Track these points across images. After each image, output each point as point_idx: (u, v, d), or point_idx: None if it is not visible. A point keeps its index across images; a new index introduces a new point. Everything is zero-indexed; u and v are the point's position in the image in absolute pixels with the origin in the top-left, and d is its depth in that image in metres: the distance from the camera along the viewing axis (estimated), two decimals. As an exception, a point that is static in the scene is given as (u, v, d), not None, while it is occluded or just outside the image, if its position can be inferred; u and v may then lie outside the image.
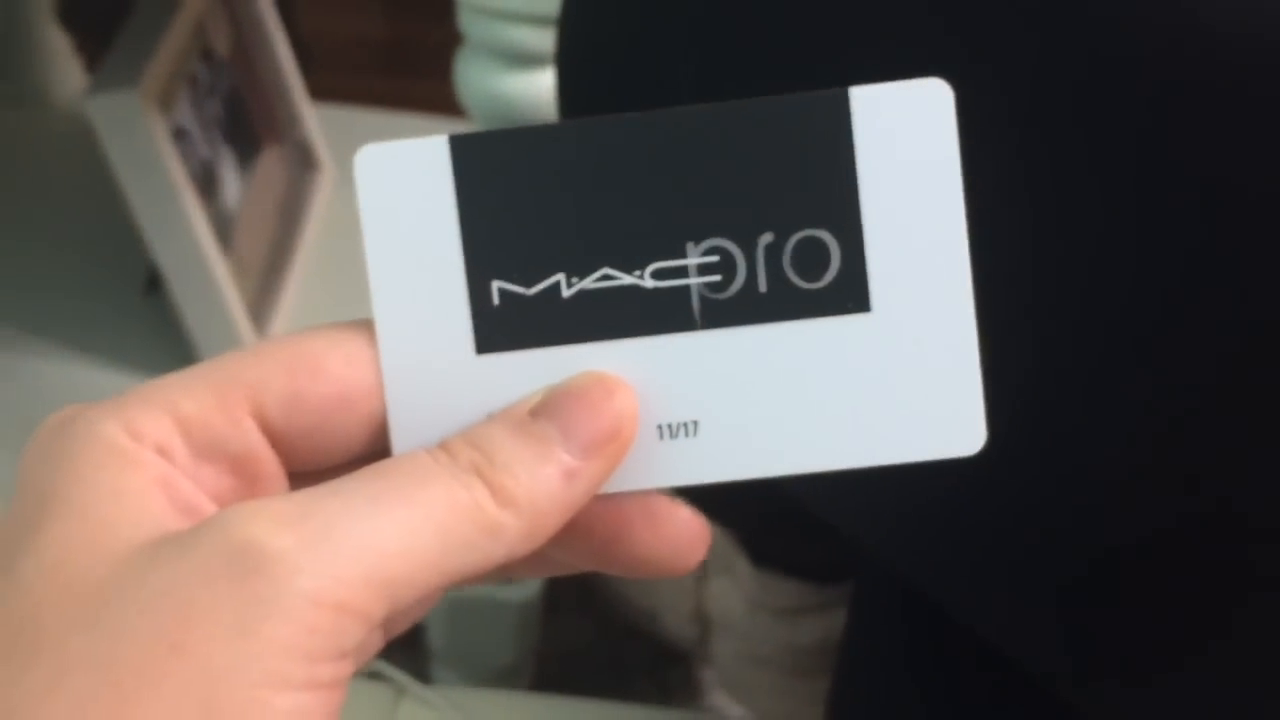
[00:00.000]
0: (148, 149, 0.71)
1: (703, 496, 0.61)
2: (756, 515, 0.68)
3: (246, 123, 0.84)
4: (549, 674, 0.86)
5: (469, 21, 0.63)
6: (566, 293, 0.27)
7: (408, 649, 0.83)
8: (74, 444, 0.25)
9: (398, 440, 0.27)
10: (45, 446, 0.25)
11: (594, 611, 0.85)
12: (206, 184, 0.77)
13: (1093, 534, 0.33)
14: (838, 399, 0.27)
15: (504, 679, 0.83)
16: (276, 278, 0.84)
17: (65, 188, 0.90)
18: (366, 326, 0.27)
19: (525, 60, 0.63)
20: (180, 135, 0.75)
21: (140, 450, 0.25)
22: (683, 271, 0.27)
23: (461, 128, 0.70)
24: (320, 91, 0.94)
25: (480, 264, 0.27)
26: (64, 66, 0.96)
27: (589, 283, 0.27)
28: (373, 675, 0.48)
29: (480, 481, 0.25)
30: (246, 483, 0.26)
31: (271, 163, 0.87)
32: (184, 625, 0.23)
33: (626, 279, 0.27)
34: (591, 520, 0.27)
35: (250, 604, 0.23)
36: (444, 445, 0.26)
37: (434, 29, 0.68)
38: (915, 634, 0.44)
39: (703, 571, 0.75)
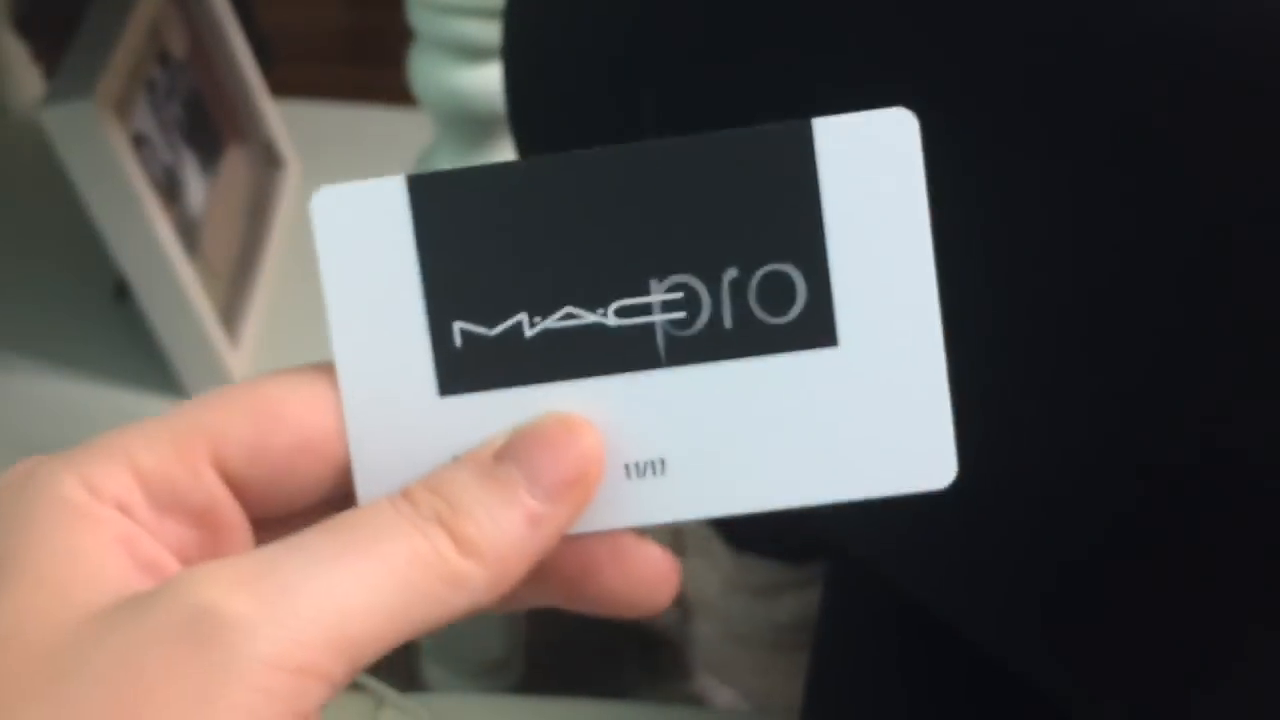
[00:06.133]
0: (107, 158, 0.70)
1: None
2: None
3: (208, 124, 0.84)
4: (540, 664, 0.86)
5: (418, 16, 0.63)
6: (529, 332, 0.26)
7: (395, 649, 0.82)
8: (30, 503, 0.25)
9: (362, 486, 0.26)
10: (1, 505, 0.25)
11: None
12: (169, 189, 0.77)
13: (1067, 541, 0.32)
14: (806, 434, 0.26)
15: (494, 673, 0.83)
16: (246, 280, 0.83)
17: (30, 196, 0.89)
18: (328, 370, 0.26)
19: (476, 54, 0.63)
20: (140, 141, 0.74)
21: (99, 507, 0.25)
22: (647, 309, 0.26)
23: (426, 118, 0.70)
24: (284, 85, 0.93)
25: (441, 305, 0.26)
26: (22, 74, 0.95)
27: (552, 322, 0.26)
28: (351, 685, 0.48)
29: (442, 530, 0.25)
30: (210, 534, 0.26)
31: (236, 163, 0.86)
32: (141, 695, 0.22)
33: (590, 317, 0.26)
34: (559, 561, 0.27)
35: (208, 671, 0.22)
36: (406, 493, 0.25)
37: (396, 17, 0.67)
38: (888, 609, 0.44)
39: (680, 554, 0.75)
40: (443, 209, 0.26)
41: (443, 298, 0.26)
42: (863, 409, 0.26)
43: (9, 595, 0.24)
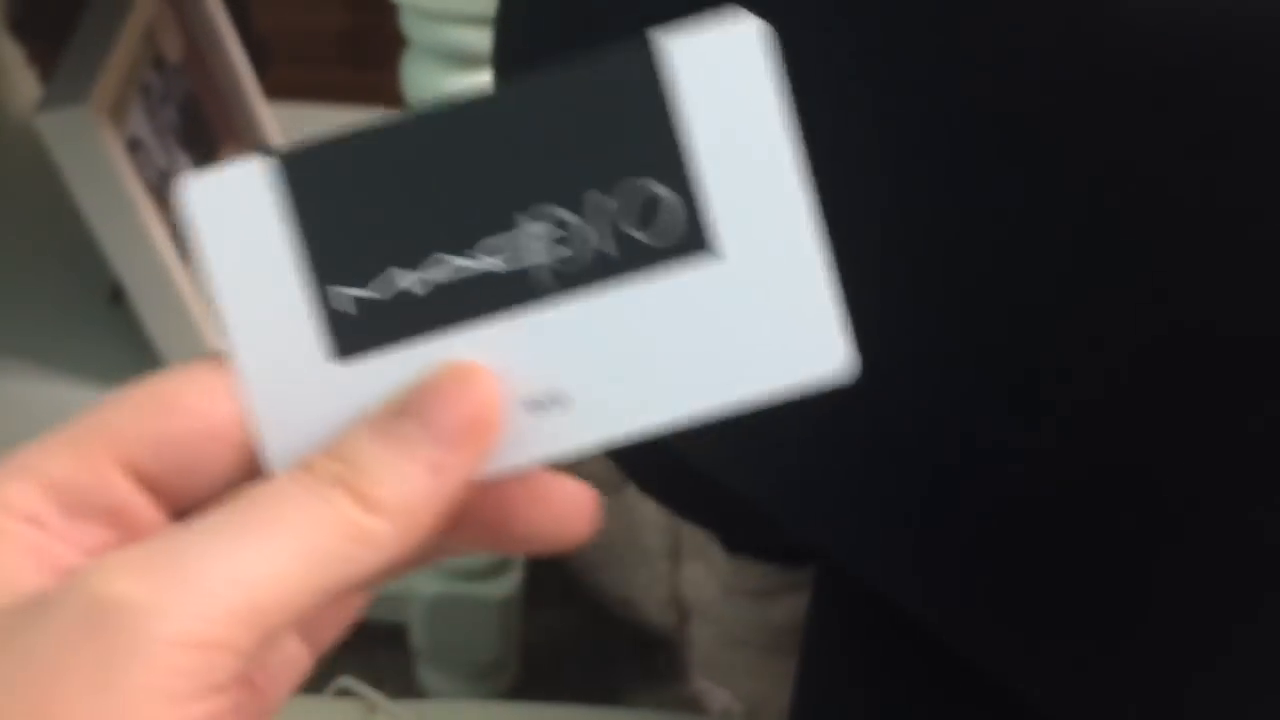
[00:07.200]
0: (102, 163, 0.70)
1: (664, 493, 0.60)
2: (720, 512, 0.68)
3: (203, 128, 0.84)
4: (535, 667, 0.86)
5: (411, 24, 0.63)
6: (411, 286, 0.27)
7: (391, 651, 0.83)
8: None
9: (272, 464, 0.27)
10: None
11: (576, 602, 0.85)
12: (165, 193, 0.77)
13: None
14: (699, 345, 0.27)
15: (489, 675, 0.83)
16: (242, 282, 0.83)
17: (26, 200, 0.89)
18: (223, 359, 0.27)
19: (469, 61, 0.63)
20: (135, 146, 0.74)
21: (9, 523, 0.25)
22: (517, 244, 0.27)
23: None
24: (280, 88, 0.93)
25: (321, 272, 0.27)
26: (18, 78, 0.95)
27: (429, 273, 0.27)
28: (342, 692, 0.48)
29: (343, 491, 0.25)
30: (127, 533, 0.26)
31: (231, 166, 0.86)
32: (49, 691, 0.23)
33: (465, 262, 0.27)
34: (476, 506, 0.27)
35: (110, 657, 0.23)
36: (303, 463, 0.26)
37: (391, 20, 0.68)
38: (874, 614, 0.44)
39: (678, 558, 0.75)
40: (310, 180, 0.27)
41: (322, 265, 0.27)
42: (751, 312, 0.27)
43: None
